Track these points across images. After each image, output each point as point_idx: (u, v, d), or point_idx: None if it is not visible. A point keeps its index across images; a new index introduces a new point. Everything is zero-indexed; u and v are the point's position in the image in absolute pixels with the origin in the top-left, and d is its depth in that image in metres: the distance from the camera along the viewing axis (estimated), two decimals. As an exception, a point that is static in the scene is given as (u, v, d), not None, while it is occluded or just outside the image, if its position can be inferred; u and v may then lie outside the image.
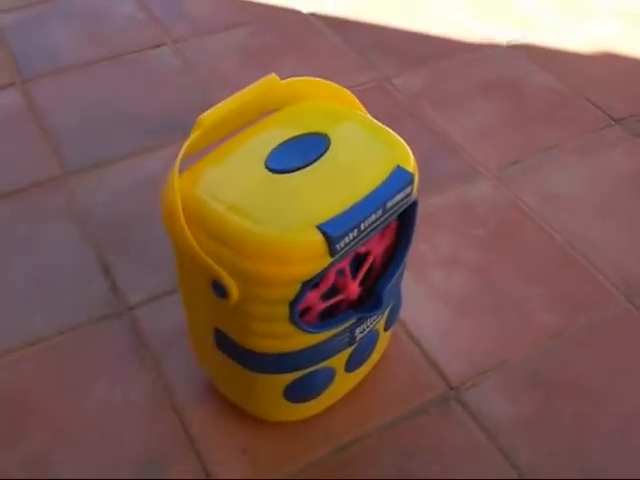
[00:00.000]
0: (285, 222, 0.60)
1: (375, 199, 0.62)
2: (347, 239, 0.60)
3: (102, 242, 0.96)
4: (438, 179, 1.06)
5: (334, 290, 0.68)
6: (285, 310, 0.63)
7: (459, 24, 1.36)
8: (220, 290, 0.62)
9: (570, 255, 0.96)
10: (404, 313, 0.87)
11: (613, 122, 1.17)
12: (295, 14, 1.39)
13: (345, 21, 1.37)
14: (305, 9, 1.40)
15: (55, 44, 1.30)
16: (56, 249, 0.95)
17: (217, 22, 1.36)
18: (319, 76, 1.21)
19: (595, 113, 1.19)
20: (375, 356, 0.80)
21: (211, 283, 0.62)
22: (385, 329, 0.78)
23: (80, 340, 0.86)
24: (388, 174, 0.64)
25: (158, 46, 1.30)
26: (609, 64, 1.29)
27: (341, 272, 0.67)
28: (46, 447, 0.76)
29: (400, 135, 0.70)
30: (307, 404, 0.75)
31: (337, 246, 0.60)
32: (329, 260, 0.61)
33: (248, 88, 0.67)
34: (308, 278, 0.61)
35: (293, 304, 0.62)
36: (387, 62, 1.28)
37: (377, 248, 0.70)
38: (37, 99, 1.19)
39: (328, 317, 0.69)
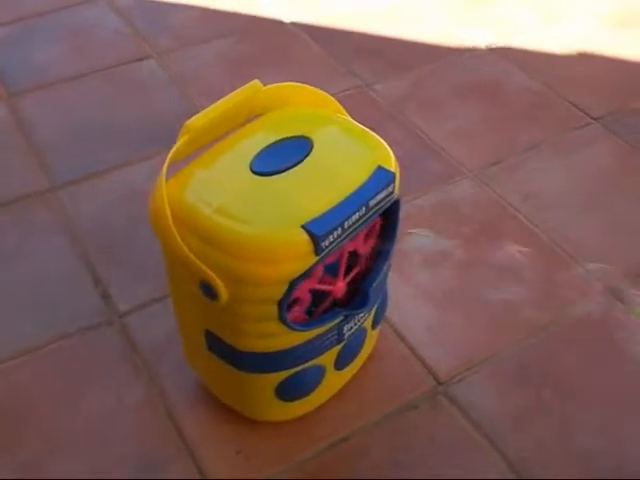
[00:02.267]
0: (271, 222, 0.62)
1: (358, 198, 0.64)
2: (332, 237, 0.62)
3: (92, 252, 0.98)
4: (422, 181, 1.08)
5: (321, 290, 0.69)
6: (274, 309, 0.64)
7: (439, 29, 1.39)
8: (209, 291, 0.63)
9: (553, 251, 0.98)
10: (391, 311, 0.89)
11: (592, 120, 1.20)
12: (276, 24, 1.41)
13: (326, 29, 1.39)
14: (286, 18, 1.42)
15: (41, 59, 1.31)
16: (47, 260, 0.97)
17: (200, 34, 1.38)
18: (303, 83, 1.23)
19: (574, 112, 1.21)
20: (364, 354, 0.82)
21: (200, 285, 0.64)
22: (373, 327, 0.80)
23: (73, 348, 0.87)
24: (370, 174, 0.66)
25: (143, 59, 1.32)
26: (586, 64, 1.31)
27: (328, 270, 0.69)
28: (41, 454, 0.77)
29: (383, 139, 0.72)
30: (298, 403, 0.76)
31: (322, 244, 0.61)
32: (315, 258, 0.62)
33: (232, 94, 0.69)
34: (295, 276, 0.62)
35: (281, 303, 0.64)
36: (368, 68, 1.30)
37: (363, 247, 0.71)
38: (24, 113, 1.20)
39: (315, 315, 0.70)
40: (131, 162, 1.11)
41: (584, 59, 1.32)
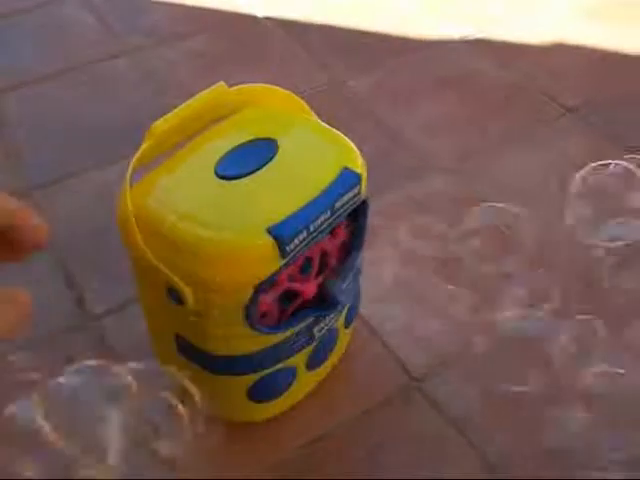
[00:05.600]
0: (235, 227, 0.62)
1: (323, 201, 0.64)
2: (297, 241, 0.62)
3: (66, 255, 0.97)
4: (395, 176, 1.08)
5: (291, 290, 0.69)
6: (241, 313, 0.64)
7: (413, 21, 1.38)
8: (176, 297, 0.63)
9: (530, 246, 0.98)
10: (364, 308, 0.89)
11: (566, 112, 1.20)
12: (250, 19, 1.40)
13: (300, 24, 1.38)
14: (260, 13, 1.41)
15: (12, 58, 1.30)
16: (19, 263, 0.96)
17: (173, 31, 1.37)
18: (275, 80, 1.23)
19: (548, 104, 1.21)
20: (337, 352, 0.82)
21: (167, 290, 0.64)
22: (345, 326, 0.80)
23: (47, 352, 0.87)
24: (335, 176, 0.65)
25: (116, 57, 1.31)
26: (560, 55, 1.31)
27: (297, 272, 0.68)
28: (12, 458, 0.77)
29: (356, 134, 0.72)
30: (271, 403, 0.76)
31: (287, 248, 0.61)
32: (281, 262, 0.62)
33: (197, 96, 0.69)
34: (261, 280, 0.62)
35: (248, 307, 0.64)
36: (342, 63, 1.29)
37: (332, 247, 0.71)
38: (-5, 114, 1.20)
39: (286, 316, 0.70)
40: (105, 162, 1.11)
41: (558, 50, 1.32)
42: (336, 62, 1.30)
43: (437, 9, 1.42)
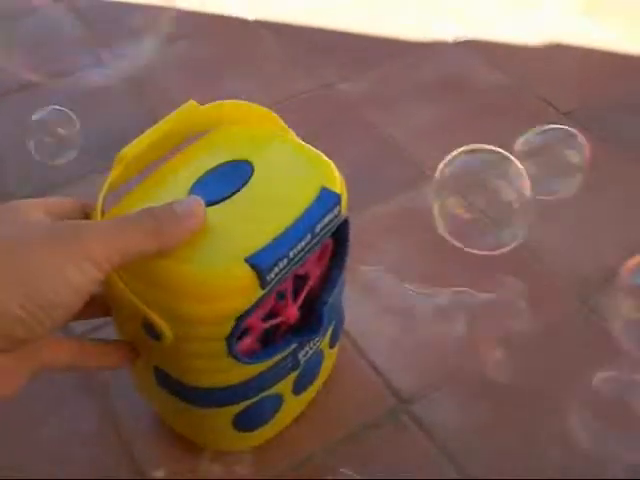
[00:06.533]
0: (212, 258, 0.58)
1: (303, 225, 0.61)
2: (277, 269, 0.59)
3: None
4: (385, 185, 1.05)
5: (273, 315, 0.67)
6: (222, 346, 0.61)
7: (404, 23, 1.35)
8: (152, 332, 0.60)
9: (522, 258, 0.95)
10: (352, 327, 0.86)
11: (562, 115, 1.17)
12: (239, 22, 1.37)
13: (290, 27, 1.35)
14: (250, 16, 1.38)
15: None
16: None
17: (160, 35, 1.34)
18: (264, 84, 1.21)
19: (544, 107, 1.18)
20: (323, 374, 0.79)
21: (143, 325, 0.60)
22: (330, 346, 0.77)
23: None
24: (314, 197, 0.62)
25: (100, 64, 1.28)
26: (556, 56, 1.28)
27: (279, 297, 0.66)
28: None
29: (346, 139, 0.69)
30: (258, 431, 0.74)
31: (268, 277, 0.58)
32: (261, 292, 0.59)
33: (168, 117, 0.66)
34: (241, 313, 0.59)
35: (229, 339, 0.61)
36: (332, 67, 1.26)
37: (315, 269, 0.69)
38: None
39: (269, 342, 0.68)
40: (88, 173, 1.08)
41: (553, 51, 1.29)
42: (327, 66, 1.27)
43: (428, 11, 1.39)
